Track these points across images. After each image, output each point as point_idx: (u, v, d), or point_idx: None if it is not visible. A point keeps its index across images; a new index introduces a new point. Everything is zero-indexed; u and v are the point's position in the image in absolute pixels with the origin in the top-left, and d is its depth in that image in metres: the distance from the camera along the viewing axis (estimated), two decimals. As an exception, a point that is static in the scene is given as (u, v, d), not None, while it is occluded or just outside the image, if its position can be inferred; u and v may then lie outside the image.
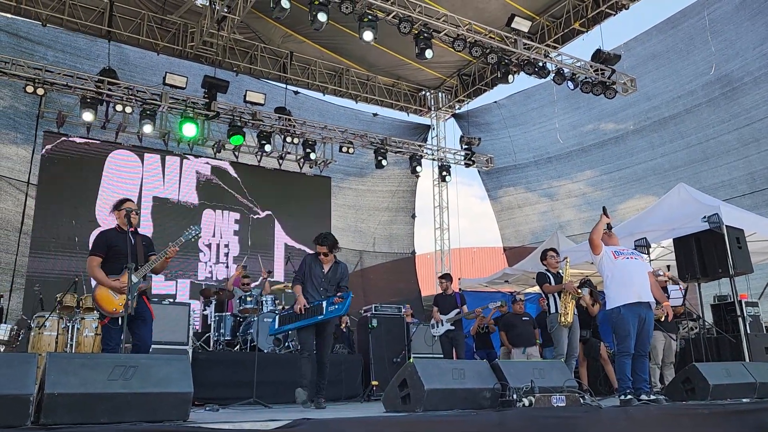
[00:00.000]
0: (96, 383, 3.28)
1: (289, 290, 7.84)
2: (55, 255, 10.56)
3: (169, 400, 3.45)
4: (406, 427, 3.75)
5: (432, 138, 15.80)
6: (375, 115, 14.94)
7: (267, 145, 12.34)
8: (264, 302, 8.55)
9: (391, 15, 9.72)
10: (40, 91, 10.40)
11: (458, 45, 10.26)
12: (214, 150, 12.56)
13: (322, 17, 9.01)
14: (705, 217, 7.97)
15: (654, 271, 6.58)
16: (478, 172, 15.72)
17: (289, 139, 12.72)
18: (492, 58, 10.59)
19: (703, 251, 8.04)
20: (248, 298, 8.49)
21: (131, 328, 4.76)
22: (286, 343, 8.41)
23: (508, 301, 9.77)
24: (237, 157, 12.91)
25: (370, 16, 9.46)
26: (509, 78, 10.98)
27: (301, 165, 13.67)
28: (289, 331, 7.58)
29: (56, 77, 10.57)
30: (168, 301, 8.72)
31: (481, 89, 14.75)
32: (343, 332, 9.80)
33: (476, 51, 10.41)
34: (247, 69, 13.07)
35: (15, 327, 7.33)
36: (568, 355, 6.84)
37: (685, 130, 12.22)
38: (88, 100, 10.73)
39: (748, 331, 7.80)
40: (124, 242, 4.80)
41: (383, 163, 13.57)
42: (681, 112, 12.23)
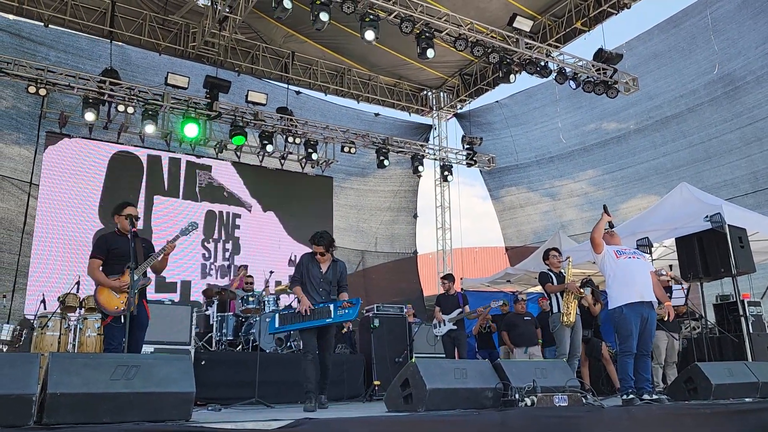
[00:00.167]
0: (98, 383, 3.28)
1: (289, 291, 7.83)
2: (57, 255, 10.58)
3: (171, 399, 3.46)
4: (408, 427, 3.75)
5: (434, 138, 15.80)
6: (377, 115, 14.95)
7: (269, 146, 12.35)
8: (266, 302, 8.55)
9: (393, 15, 9.72)
10: (43, 92, 10.42)
11: (460, 44, 10.25)
12: (216, 150, 12.57)
13: (324, 17, 9.02)
14: (707, 216, 7.96)
15: (656, 270, 6.58)
16: (480, 171, 15.71)
17: (290, 139, 12.73)
18: (494, 57, 10.59)
19: (705, 251, 8.03)
20: (250, 299, 8.49)
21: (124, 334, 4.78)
22: (288, 343, 8.41)
23: (510, 300, 9.77)
24: (239, 158, 12.93)
25: (371, 16, 9.46)
26: (511, 77, 10.97)
27: (303, 165, 13.68)
28: (291, 331, 7.57)
29: (58, 77, 10.59)
30: (170, 301, 8.74)
31: (482, 89, 14.74)
32: (344, 333, 9.80)
33: (478, 50, 10.41)
34: (249, 69, 13.08)
35: (18, 327, 7.34)
36: (570, 354, 6.84)
37: (688, 129, 12.21)
38: (90, 101, 10.75)
39: (751, 331, 7.79)
40: (124, 245, 4.88)
41: (385, 163, 13.58)
42: (683, 111, 12.21)
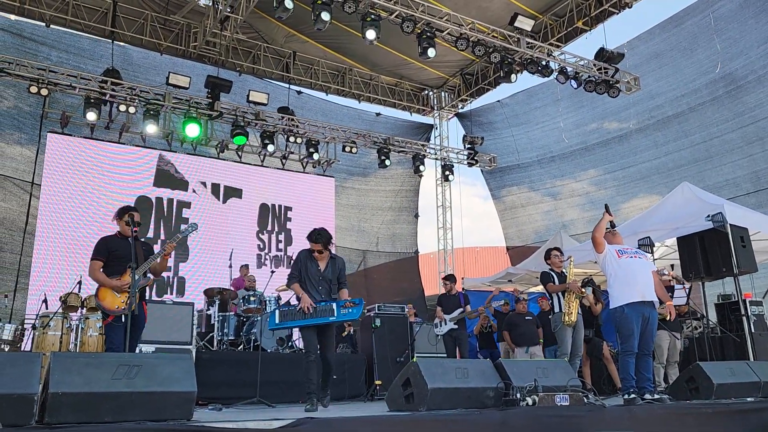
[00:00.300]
0: (100, 382, 3.28)
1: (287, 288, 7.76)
2: (58, 255, 10.60)
3: (173, 399, 3.46)
4: (409, 427, 3.75)
5: (435, 137, 15.80)
6: (378, 114, 14.95)
7: (270, 145, 12.35)
8: (267, 302, 8.55)
9: (394, 14, 9.72)
10: (44, 92, 10.44)
11: (461, 44, 10.24)
12: (218, 150, 12.58)
13: (326, 16, 9.02)
14: (709, 215, 7.95)
15: (658, 270, 6.56)
16: (481, 171, 15.70)
17: (292, 139, 12.73)
18: (495, 57, 10.58)
19: (707, 250, 8.02)
20: (251, 298, 8.49)
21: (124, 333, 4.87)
22: (290, 343, 8.42)
23: (511, 300, 9.77)
24: (240, 157, 12.95)
25: (372, 16, 9.46)
26: (512, 77, 10.96)
27: (304, 165, 13.68)
28: (292, 329, 7.56)
29: (60, 77, 10.60)
30: (171, 301, 8.74)
31: (484, 88, 14.73)
32: (345, 335, 9.79)
33: (479, 50, 10.40)
34: (250, 69, 13.08)
35: (19, 327, 7.35)
36: (572, 354, 6.83)
37: (689, 128, 12.19)
38: (92, 101, 10.76)
39: (753, 330, 7.79)
40: (125, 247, 4.98)
41: (386, 162, 13.58)
42: (685, 110, 12.20)
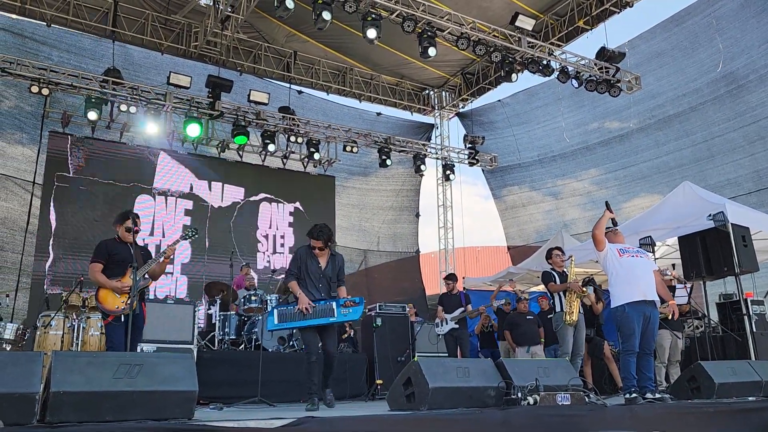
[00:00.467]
0: (101, 382, 3.29)
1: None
2: (60, 254, 10.60)
3: (174, 398, 3.46)
4: (410, 426, 3.75)
5: (436, 137, 15.79)
6: (379, 114, 14.95)
7: (271, 145, 12.36)
8: (269, 301, 8.55)
9: (395, 14, 9.71)
10: (45, 91, 10.44)
11: (462, 43, 10.23)
12: (219, 149, 12.59)
13: (327, 16, 9.01)
14: (710, 215, 7.94)
15: (661, 271, 6.56)
16: (482, 171, 15.70)
17: (293, 139, 12.74)
18: (496, 56, 10.57)
19: (708, 249, 8.02)
20: (252, 297, 8.49)
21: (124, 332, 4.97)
22: (291, 342, 8.41)
23: (512, 299, 9.76)
24: (241, 157, 12.95)
25: (373, 15, 9.45)
26: (513, 76, 10.95)
27: (305, 164, 13.69)
28: (293, 330, 7.55)
29: (61, 77, 10.60)
30: (172, 301, 8.74)
31: (484, 88, 14.71)
32: (346, 337, 9.78)
33: (480, 49, 10.39)
34: (251, 68, 13.08)
35: (21, 326, 7.36)
36: (573, 353, 6.83)
37: (690, 128, 12.17)
38: (93, 100, 10.77)
39: (754, 330, 7.78)
40: (124, 251, 5.14)
41: (387, 162, 13.58)
42: (686, 110, 12.18)
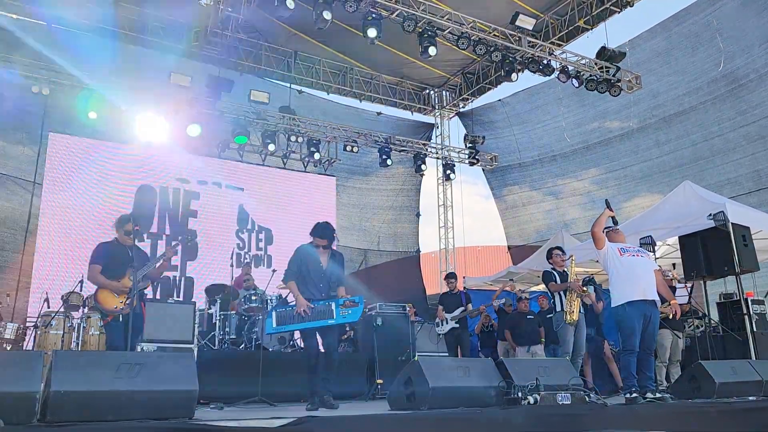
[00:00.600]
0: (102, 381, 3.29)
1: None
2: (60, 254, 10.61)
3: (175, 398, 3.47)
4: (411, 425, 3.75)
5: (436, 136, 15.79)
6: (379, 113, 14.94)
7: (271, 145, 12.36)
8: (269, 301, 8.54)
9: (395, 13, 9.71)
10: (46, 91, 10.44)
11: (462, 43, 10.23)
12: (219, 149, 12.59)
13: (327, 15, 9.01)
14: (711, 214, 7.93)
15: (663, 271, 6.56)
16: (483, 170, 15.70)
17: (293, 138, 12.74)
18: (496, 56, 10.56)
19: (708, 249, 8.01)
20: (253, 297, 8.49)
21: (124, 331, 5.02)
22: (291, 342, 8.41)
23: (512, 297, 9.76)
24: (241, 156, 12.95)
25: (374, 15, 9.45)
26: (513, 76, 10.94)
27: (305, 164, 13.68)
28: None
29: (62, 77, 10.59)
30: (173, 300, 8.75)
31: (485, 87, 14.71)
32: (345, 338, 9.77)
33: (480, 49, 10.39)
34: (252, 68, 13.08)
35: (21, 326, 7.37)
36: (574, 353, 6.83)
37: (691, 127, 12.17)
38: (93, 100, 10.75)
39: (755, 329, 7.77)
40: (122, 253, 5.22)
41: (387, 161, 13.58)
42: (686, 109, 12.17)
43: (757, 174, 11.23)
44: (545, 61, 11.05)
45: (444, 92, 15.73)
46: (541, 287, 9.41)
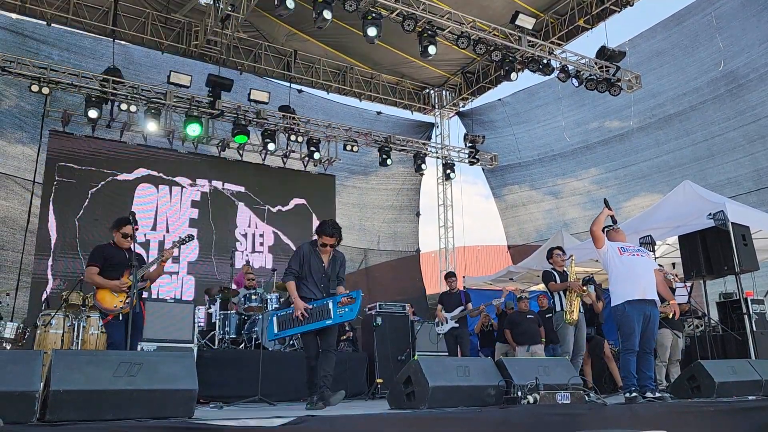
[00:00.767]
0: (101, 380, 3.29)
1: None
2: (60, 254, 10.61)
3: (175, 397, 3.46)
4: (410, 425, 3.75)
5: (436, 136, 15.78)
6: (379, 113, 14.94)
7: (271, 144, 12.36)
8: (269, 300, 8.55)
9: (395, 12, 9.71)
10: (46, 90, 10.44)
11: (462, 42, 10.22)
12: (219, 148, 12.60)
13: (327, 14, 9.00)
14: (710, 214, 7.94)
15: (664, 272, 6.55)
16: (483, 170, 15.69)
17: (293, 138, 12.74)
18: (496, 55, 10.56)
19: (708, 248, 8.02)
20: (253, 296, 8.49)
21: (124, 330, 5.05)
22: (291, 341, 8.42)
23: (513, 299, 9.76)
24: (241, 156, 12.96)
25: (373, 14, 9.45)
26: (513, 75, 10.93)
27: (305, 163, 13.68)
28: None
29: (61, 76, 10.60)
30: (172, 300, 8.75)
31: (485, 87, 14.71)
32: (345, 339, 9.77)
33: (480, 48, 10.39)
34: (251, 67, 13.08)
35: (21, 325, 7.36)
36: (574, 353, 6.84)
37: (691, 127, 12.17)
38: (93, 99, 10.75)
39: (754, 329, 7.78)
40: (119, 256, 5.29)
41: (387, 161, 13.57)
42: (686, 109, 12.17)
43: (756, 173, 11.24)
44: (545, 61, 11.05)
45: (444, 92, 15.72)
46: (541, 287, 9.41)
